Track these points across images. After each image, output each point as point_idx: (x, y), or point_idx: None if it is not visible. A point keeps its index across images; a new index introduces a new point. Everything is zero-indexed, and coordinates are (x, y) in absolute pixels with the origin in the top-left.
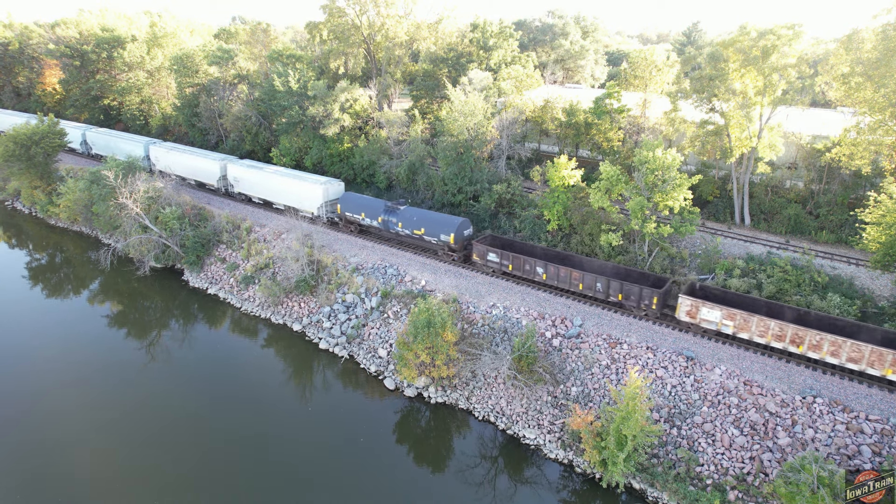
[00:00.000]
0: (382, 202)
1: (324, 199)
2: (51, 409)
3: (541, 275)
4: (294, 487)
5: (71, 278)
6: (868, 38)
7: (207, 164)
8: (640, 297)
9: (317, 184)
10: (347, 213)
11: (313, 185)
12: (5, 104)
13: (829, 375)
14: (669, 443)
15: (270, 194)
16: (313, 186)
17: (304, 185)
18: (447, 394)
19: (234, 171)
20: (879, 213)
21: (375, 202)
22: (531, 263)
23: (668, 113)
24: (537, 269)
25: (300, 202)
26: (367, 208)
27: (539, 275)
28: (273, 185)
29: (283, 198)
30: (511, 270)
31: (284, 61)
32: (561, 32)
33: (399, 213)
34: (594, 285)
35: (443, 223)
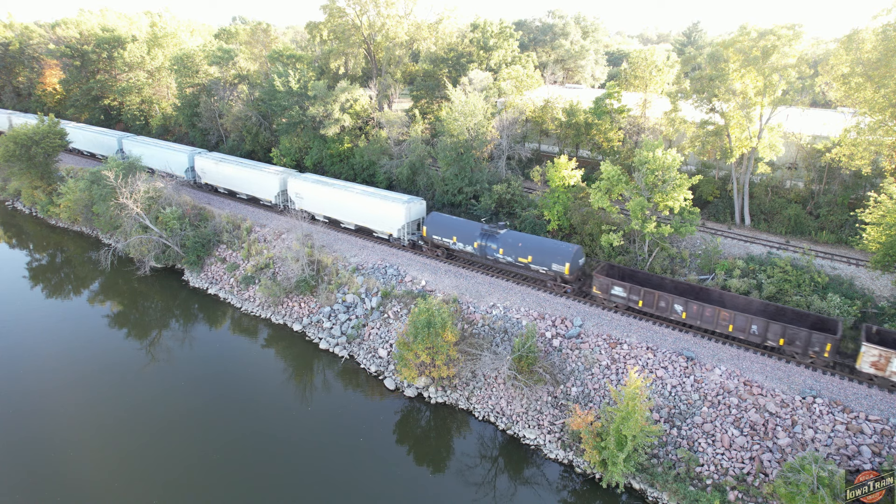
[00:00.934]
0: (478, 225)
1: (406, 219)
2: (51, 408)
3: (679, 313)
4: (294, 487)
5: (71, 278)
6: (868, 39)
7: (264, 178)
8: (807, 343)
9: (398, 203)
10: (435, 236)
11: (394, 205)
12: (6, 104)
13: (829, 376)
14: (669, 443)
15: (341, 213)
16: (394, 206)
17: (383, 204)
18: (447, 394)
19: (297, 187)
20: (879, 214)
21: (470, 225)
22: (667, 300)
23: (669, 113)
24: (675, 307)
25: (377, 223)
26: (460, 232)
27: (677, 313)
28: (345, 202)
29: (357, 217)
30: (641, 307)
31: (285, 61)
32: (561, 32)
33: (499, 238)
34: (747, 327)
35: (555, 251)
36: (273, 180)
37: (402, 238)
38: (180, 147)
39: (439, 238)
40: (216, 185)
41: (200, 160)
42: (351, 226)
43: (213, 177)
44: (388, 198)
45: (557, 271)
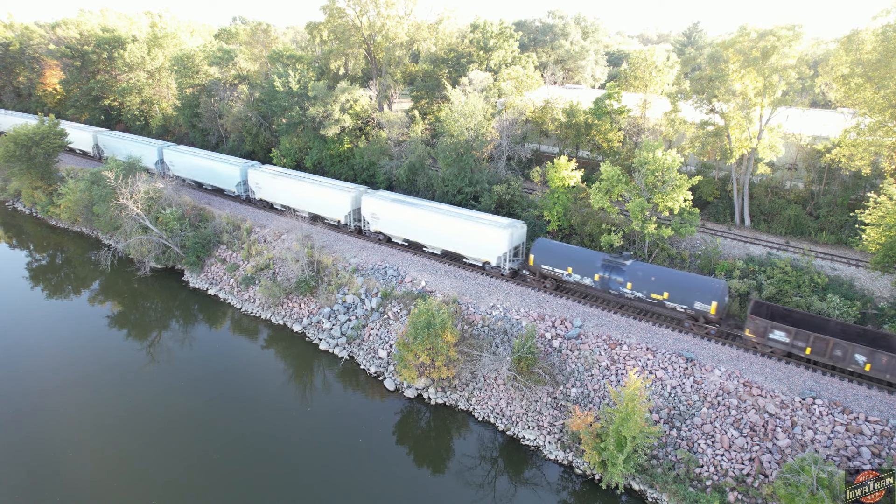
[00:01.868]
0: (599, 255)
1: (508, 246)
2: (51, 408)
3: (861, 364)
4: (294, 488)
5: (71, 279)
6: (868, 40)
7: (332, 196)
8: None
9: (498, 227)
10: (545, 265)
11: (493, 230)
12: (6, 104)
13: (829, 377)
14: (669, 444)
15: (426, 236)
16: (493, 231)
17: (479, 229)
18: (447, 395)
19: (373, 206)
20: (879, 215)
21: (588, 255)
22: (845, 349)
23: (668, 114)
24: (855, 357)
25: (471, 249)
26: (577, 261)
27: (858, 364)
28: (431, 225)
29: (445, 241)
30: (809, 354)
31: (285, 62)
32: (561, 33)
33: (626, 270)
34: None
35: (698, 287)
36: (344, 198)
37: (502, 266)
38: (231, 159)
39: (549, 268)
40: (273, 202)
41: (255, 174)
42: (436, 250)
43: (270, 192)
44: (486, 221)
45: (701, 311)
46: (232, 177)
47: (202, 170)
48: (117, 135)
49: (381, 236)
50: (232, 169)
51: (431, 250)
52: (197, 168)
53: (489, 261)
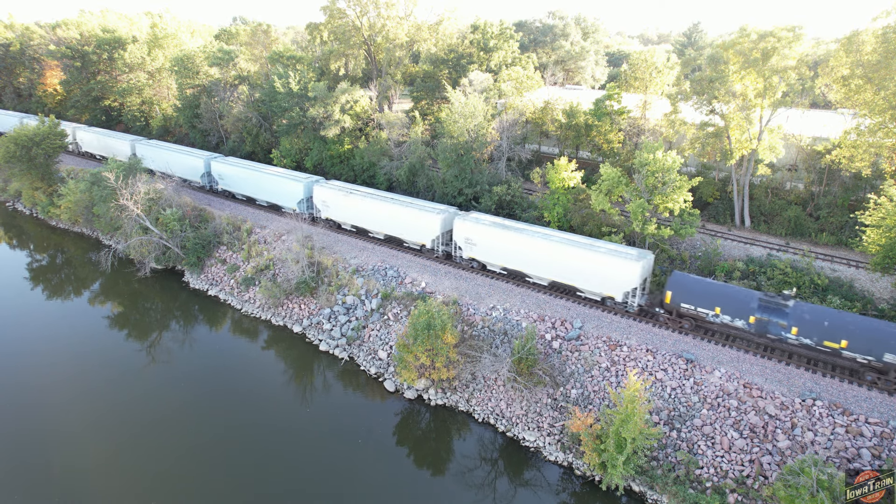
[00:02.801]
0: (754, 293)
1: (639, 280)
2: (51, 409)
3: None
4: (294, 489)
5: (72, 279)
6: (868, 41)
7: (420, 218)
8: None
9: (627, 259)
10: (685, 304)
11: (621, 261)
12: (6, 105)
13: (829, 378)
14: (669, 445)
15: (533, 266)
16: (621, 263)
17: (602, 260)
18: (447, 396)
19: (468, 231)
20: (879, 216)
21: (741, 293)
22: None
23: (669, 115)
24: None
25: (590, 281)
26: (726, 301)
27: None
28: (541, 254)
29: (558, 272)
30: None
31: (285, 62)
32: (561, 33)
33: (790, 312)
34: None
35: (888, 334)
36: (432, 221)
37: (630, 303)
38: (292, 173)
39: (690, 307)
40: (341, 222)
41: (322, 191)
42: (543, 281)
43: (339, 212)
44: (611, 252)
45: (893, 363)
46: (293, 193)
47: (256, 184)
48: (158, 144)
49: (476, 263)
50: (293, 185)
51: (538, 281)
52: (250, 182)
53: (613, 296)
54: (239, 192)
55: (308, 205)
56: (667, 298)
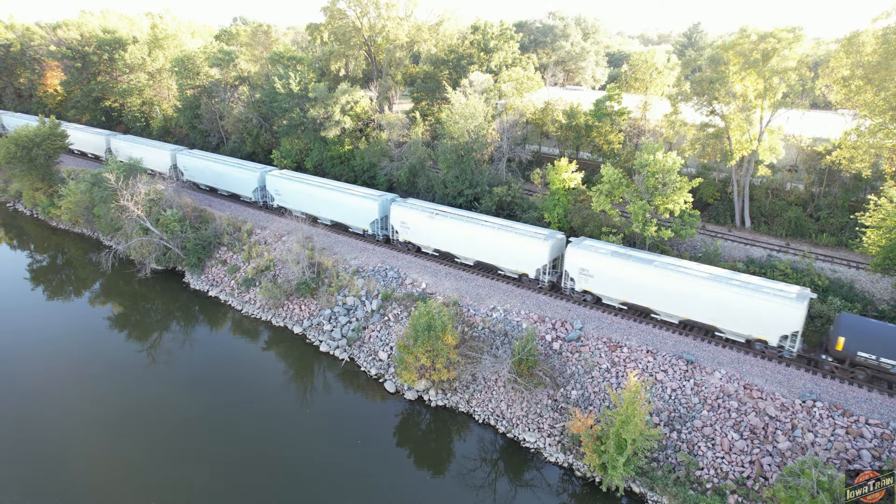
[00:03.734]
0: None
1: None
2: (51, 409)
3: None
4: (294, 489)
5: (72, 280)
6: (868, 42)
7: (522, 245)
8: None
9: (537, 239)
10: (863, 353)
11: (533, 241)
12: (7, 106)
13: (830, 379)
14: (669, 446)
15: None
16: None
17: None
18: (447, 397)
19: (586, 260)
20: (880, 217)
21: None
22: None
23: (669, 115)
24: None
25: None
26: None
27: None
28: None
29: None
30: None
31: (285, 63)
32: (562, 34)
33: None
34: None
35: None
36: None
37: (787, 347)
38: (364, 190)
39: (871, 357)
40: (424, 246)
41: (402, 211)
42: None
43: (422, 235)
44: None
45: None
46: (367, 212)
47: (321, 201)
48: (203, 155)
49: (590, 296)
50: (367, 203)
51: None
52: (314, 199)
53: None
54: (298, 210)
55: (382, 225)
56: (838, 345)
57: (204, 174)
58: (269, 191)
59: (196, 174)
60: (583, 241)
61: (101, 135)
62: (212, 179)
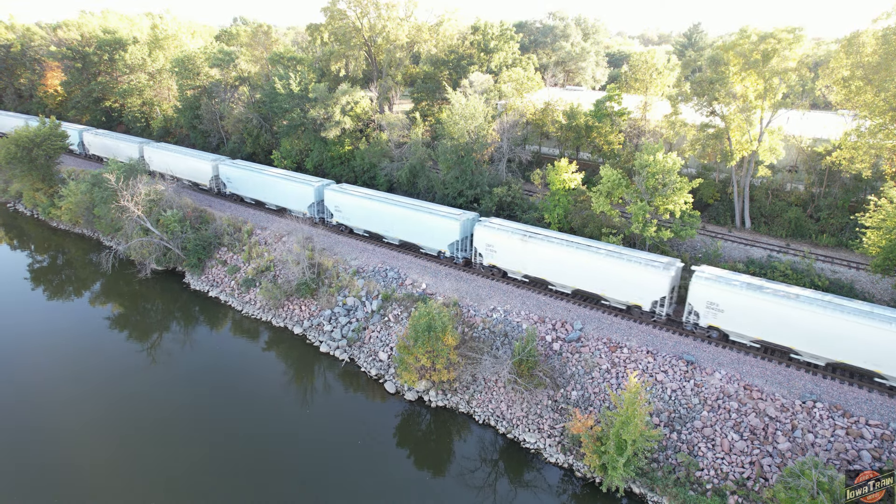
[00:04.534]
0: None
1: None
2: (52, 409)
3: None
4: (294, 490)
5: (73, 280)
6: (868, 42)
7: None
8: None
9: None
10: None
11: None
12: (7, 106)
13: (830, 380)
14: (669, 447)
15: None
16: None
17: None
18: (447, 397)
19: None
20: (880, 218)
21: None
22: None
23: (669, 116)
24: None
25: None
26: None
27: None
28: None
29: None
30: None
31: (286, 63)
32: (562, 34)
33: None
34: None
35: None
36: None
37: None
38: (443, 209)
39: None
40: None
41: (487, 233)
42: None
43: (511, 259)
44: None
45: None
46: (446, 232)
47: (391, 220)
48: (248, 166)
49: (716, 333)
50: (448, 223)
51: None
52: (382, 218)
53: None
54: (361, 228)
55: (462, 246)
56: None
57: (250, 186)
58: (328, 206)
59: (240, 186)
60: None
61: (134, 142)
62: (259, 192)
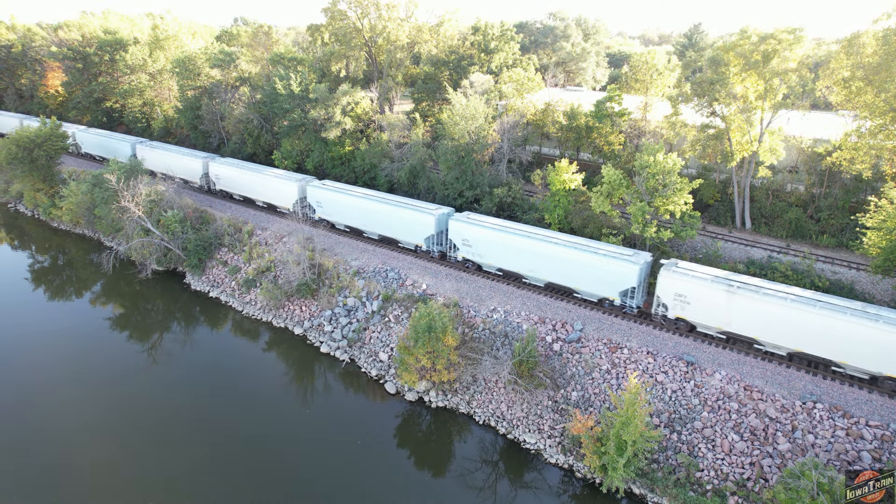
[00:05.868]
0: None
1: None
2: (52, 410)
3: None
4: (294, 491)
5: (73, 281)
6: (869, 43)
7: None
8: None
9: (425, 213)
10: None
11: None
12: (8, 106)
13: (830, 381)
14: (669, 448)
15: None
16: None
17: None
18: (448, 398)
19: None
20: (880, 218)
21: None
22: None
23: (669, 116)
24: None
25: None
26: None
27: None
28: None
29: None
30: None
31: (286, 64)
32: (562, 35)
33: None
34: None
35: None
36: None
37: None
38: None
39: None
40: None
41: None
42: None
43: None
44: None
45: None
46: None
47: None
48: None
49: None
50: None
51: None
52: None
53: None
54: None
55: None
56: None
57: (343, 210)
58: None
59: (333, 212)
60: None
61: (198, 157)
62: (359, 220)
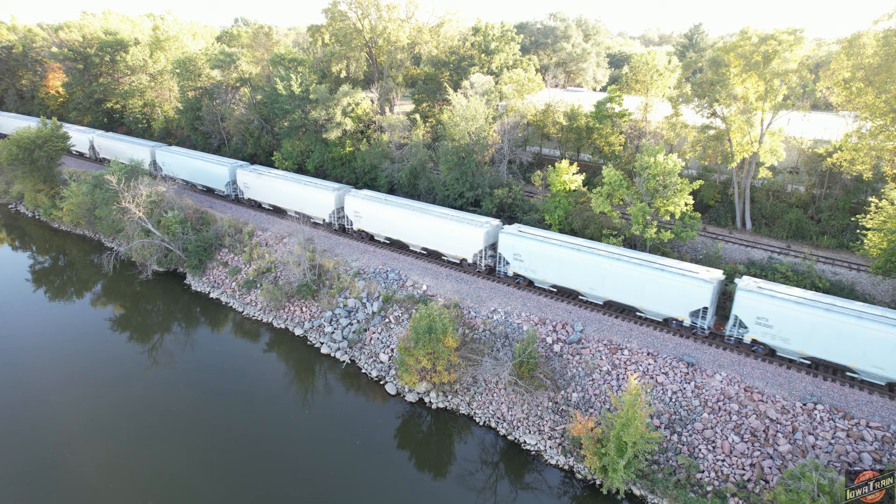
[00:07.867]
0: None
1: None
2: (53, 410)
3: None
4: (294, 491)
5: (74, 282)
6: (869, 44)
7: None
8: None
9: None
10: None
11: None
12: (9, 107)
13: (830, 382)
14: (670, 449)
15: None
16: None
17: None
18: (448, 399)
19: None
20: (881, 219)
21: None
22: None
23: (670, 117)
24: None
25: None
26: None
27: None
28: None
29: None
30: None
31: (286, 65)
32: (563, 35)
33: None
34: None
35: None
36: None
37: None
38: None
39: None
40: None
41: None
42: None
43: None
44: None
45: None
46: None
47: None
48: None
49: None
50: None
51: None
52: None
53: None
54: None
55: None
56: None
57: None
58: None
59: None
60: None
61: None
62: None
